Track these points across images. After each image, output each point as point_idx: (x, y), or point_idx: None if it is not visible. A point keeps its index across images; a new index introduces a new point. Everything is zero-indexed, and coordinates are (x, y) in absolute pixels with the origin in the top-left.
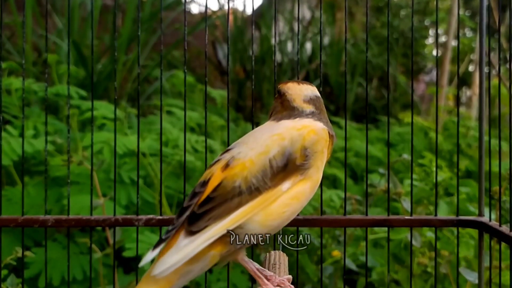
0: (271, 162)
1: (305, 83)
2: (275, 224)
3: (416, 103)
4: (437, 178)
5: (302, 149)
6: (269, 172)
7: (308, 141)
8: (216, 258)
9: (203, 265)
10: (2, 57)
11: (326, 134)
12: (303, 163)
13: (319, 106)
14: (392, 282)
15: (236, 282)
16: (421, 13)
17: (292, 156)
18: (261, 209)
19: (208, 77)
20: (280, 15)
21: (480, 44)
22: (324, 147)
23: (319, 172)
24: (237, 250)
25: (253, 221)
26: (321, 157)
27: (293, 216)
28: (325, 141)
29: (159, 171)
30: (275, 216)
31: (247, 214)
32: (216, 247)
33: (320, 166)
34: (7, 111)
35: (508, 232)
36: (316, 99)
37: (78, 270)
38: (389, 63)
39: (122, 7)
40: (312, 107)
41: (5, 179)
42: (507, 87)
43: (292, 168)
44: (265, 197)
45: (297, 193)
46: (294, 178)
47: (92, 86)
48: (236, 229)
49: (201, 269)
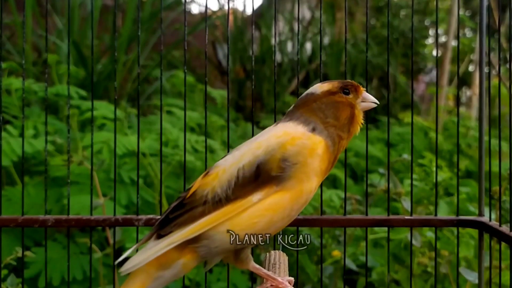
0: (238, 172)
1: (324, 83)
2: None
3: (416, 103)
4: (437, 178)
5: (279, 160)
6: (234, 183)
7: (288, 151)
8: (189, 266)
9: (175, 272)
10: (2, 57)
11: (313, 142)
12: (279, 174)
13: (315, 107)
14: (392, 282)
15: (236, 282)
16: (421, 13)
17: (266, 166)
18: (227, 219)
19: (208, 77)
20: (280, 15)
21: (480, 44)
22: (310, 157)
23: (303, 183)
24: (242, 256)
25: (218, 231)
26: (304, 169)
27: (272, 226)
28: (310, 150)
29: (159, 171)
30: (244, 227)
31: (210, 224)
32: (186, 255)
33: (304, 177)
34: (7, 111)
35: (508, 232)
36: (310, 97)
37: (78, 270)
38: (389, 63)
39: (122, 7)
40: (303, 108)
41: (5, 179)
42: (507, 87)
43: (266, 178)
44: (231, 208)
45: (271, 205)
46: (268, 189)
47: (92, 86)
48: (202, 239)
49: (174, 276)
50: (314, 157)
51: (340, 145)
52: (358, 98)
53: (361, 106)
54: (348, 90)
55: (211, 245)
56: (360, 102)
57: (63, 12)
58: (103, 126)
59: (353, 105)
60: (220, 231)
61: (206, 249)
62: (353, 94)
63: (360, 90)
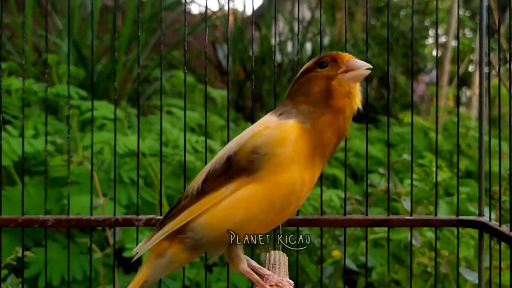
0: (211, 166)
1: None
2: (224, 227)
3: (416, 103)
4: (437, 178)
5: (249, 152)
6: (207, 176)
7: (257, 142)
8: (179, 256)
9: (167, 261)
10: (2, 57)
11: (281, 130)
12: (249, 166)
13: (292, 92)
14: (392, 282)
15: (236, 282)
16: (421, 13)
17: (236, 158)
18: (205, 212)
19: (208, 77)
20: (280, 15)
21: (480, 44)
22: (279, 147)
23: (277, 175)
24: (232, 255)
25: (198, 224)
26: (274, 160)
27: (252, 219)
28: (279, 140)
29: (159, 171)
30: (221, 219)
31: (189, 216)
32: (174, 245)
33: (278, 168)
34: (7, 111)
35: (508, 232)
36: (292, 83)
37: (78, 270)
38: (389, 63)
39: (122, 7)
40: (287, 96)
41: (5, 179)
42: (507, 87)
43: (236, 170)
44: (206, 200)
45: (244, 196)
46: (239, 180)
47: (92, 86)
48: (187, 231)
49: (168, 264)
50: (285, 146)
51: (322, 121)
52: (340, 68)
53: (347, 76)
54: (325, 63)
55: (195, 237)
56: (343, 72)
57: (63, 12)
58: (103, 126)
59: (331, 77)
60: (201, 223)
61: (192, 241)
62: (331, 65)
63: (342, 59)
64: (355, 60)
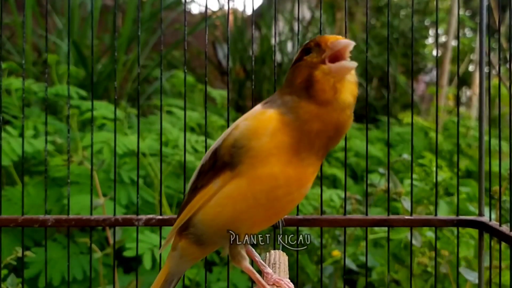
0: (202, 161)
1: None
2: (217, 224)
3: (416, 103)
4: (437, 178)
5: (230, 146)
6: (199, 172)
7: (235, 135)
8: (187, 250)
9: (179, 254)
10: (2, 57)
11: (258, 121)
12: (230, 160)
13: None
14: (392, 282)
15: (236, 282)
16: (421, 13)
17: (219, 152)
18: (200, 208)
19: (208, 77)
20: (280, 15)
21: (480, 44)
22: (254, 139)
23: (256, 168)
24: (233, 252)
25: (198, 220)
26: (251, 153)
27: (241, 215)
28: (253, 131)
29: (159, 171)
30: (212, 216)
31: (188, 214)
32: (182, 240)
33: (256, 161)
34: (7, 111)
35: (508, 232)
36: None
37: (78, 270)
38: (389, 63)
39: (122, 7)
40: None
41: (5, 179)
42: (507, 87)
43: (221, 165)
44: (199, 197)
45: (229, 192)
46: (223, 176)
47: (92, 86)
48: (190, 227)
49: (180, 258)
50: (260, 138)
51: (305, 112)
52: (325, 52)
53: (333, 68)
54: (310, 49)
55: (197, 233)
56: (328, 57)
57: (63, 12)
58: (103, 126)
59: (314, 65)
60: (199, 219)
61: (194, 236)
62: (315, 51)
63: (325, 42)
64: (338, 41)
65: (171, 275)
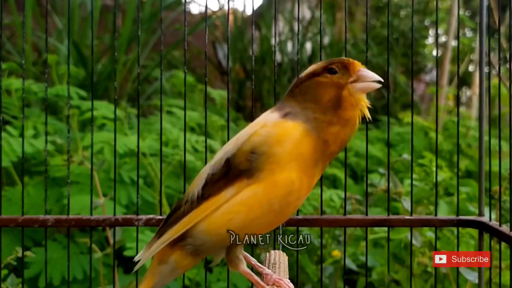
0: (210, 169)
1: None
2: (224, 232)
3: (416, 103)
4: (437, 178)
5: (247, 152)
6: (206, 181)
7: (254, 142)
8: (182, 262)
9: (171, 267)
10: (2, 57)
11: (281, 128)
12: (249, 167)
13: (296, 92)
14: (392, 282)
15: (236, 282)
16: (421, 13)
17: (235, 160)
18: (204, 218)
19: (208, 77)
20: (280, 15)
21: (480, 44)
22: (277, 146)
23: (275, 174)
24: (230, 257)
25: (198, 230)
26: (272, 159)
27: (252, 222)
28: (277, 137)
29: (159, 171)
30: (220, 224)
31: (189, 223)
32: (175, 251)
33: (276, 168)
34: (7, 111)
35: (508, 232)
36: (295, 82)
37: (78, 270)
38: (389, 63)
39: (122, 7)
40: (287, 94)
41: (5, 179)
42: (507, 87)
43: (236, 173)
44: (205, 206)
45: (244, 199)
46: (239, 183)
47: (92, 86)
48: (187, 237)
49: (171, 270)
50: (284, 145)
51: (329, 132)
52: (351, 77)
53: (357, 87)
54: (335, 69)
55: (195, 243)
56: (353, 82)
57: (63, 12)
58: (103, 126)
59: (341, 86)
60: (200, 229)
61: (192, 247)
62: (342, 72)
63: (354, 68)
64: (366, 71)
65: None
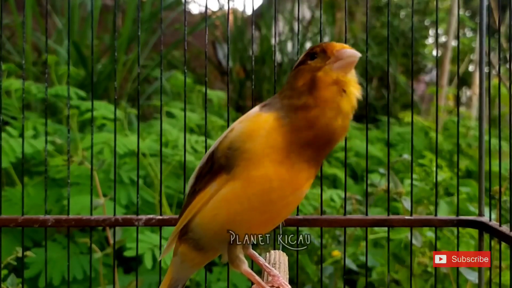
0: (200, 164)
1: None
2: (214, 227)
3: (416, 103)
4: (437, 178)
5: (225, 148)
6: (196, 175)
7: (231, 138)
8: (188, 255)
9: (180, 260)
10: (2, 58)
11: (252, 123)
12: (226, 163)
13: (283, 86)
14: (392, 282)
15: (236, 282)
16: (421, 13)
17: (216, 155)
18: (197, 212)
19: (208, 77)
20: (280, 15)
21: (480, 44)
22: (249, 141)
23: (250, 171)
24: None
25: (195, 224)
26: (245, 155)
27: (236, 219)
28: (248, 133)
29: (159, 171)
30: (208, 219)
31: (186, 218)
32: (181, 244)
33: (250, 164)
34: (6, 112)
35: (508, 232)
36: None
37: (78, 270)
38: (389, 63)
39: (122, 7)
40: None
41: (5, 179)
42: (507, 87)
43: (217, 168)
44: (196, 200)
45: (224, 195)
46: (219, 179)
47: (92, 86)
48: (188, 232)
49: (181, 263)
50: (254, 140)
51: (303, 116)
52: (329, 59)
53: (335, 66)
54: (315, 54)
55: (195, 237)
56: (332, 63)
57: (63, 12)
58: (103, 126)
59: (317, 68)
60: (196, 223)
61: (193, 241)
62: (320, 56)
63: (332, 50)
64: (344, 50)
65: (175, 281)
